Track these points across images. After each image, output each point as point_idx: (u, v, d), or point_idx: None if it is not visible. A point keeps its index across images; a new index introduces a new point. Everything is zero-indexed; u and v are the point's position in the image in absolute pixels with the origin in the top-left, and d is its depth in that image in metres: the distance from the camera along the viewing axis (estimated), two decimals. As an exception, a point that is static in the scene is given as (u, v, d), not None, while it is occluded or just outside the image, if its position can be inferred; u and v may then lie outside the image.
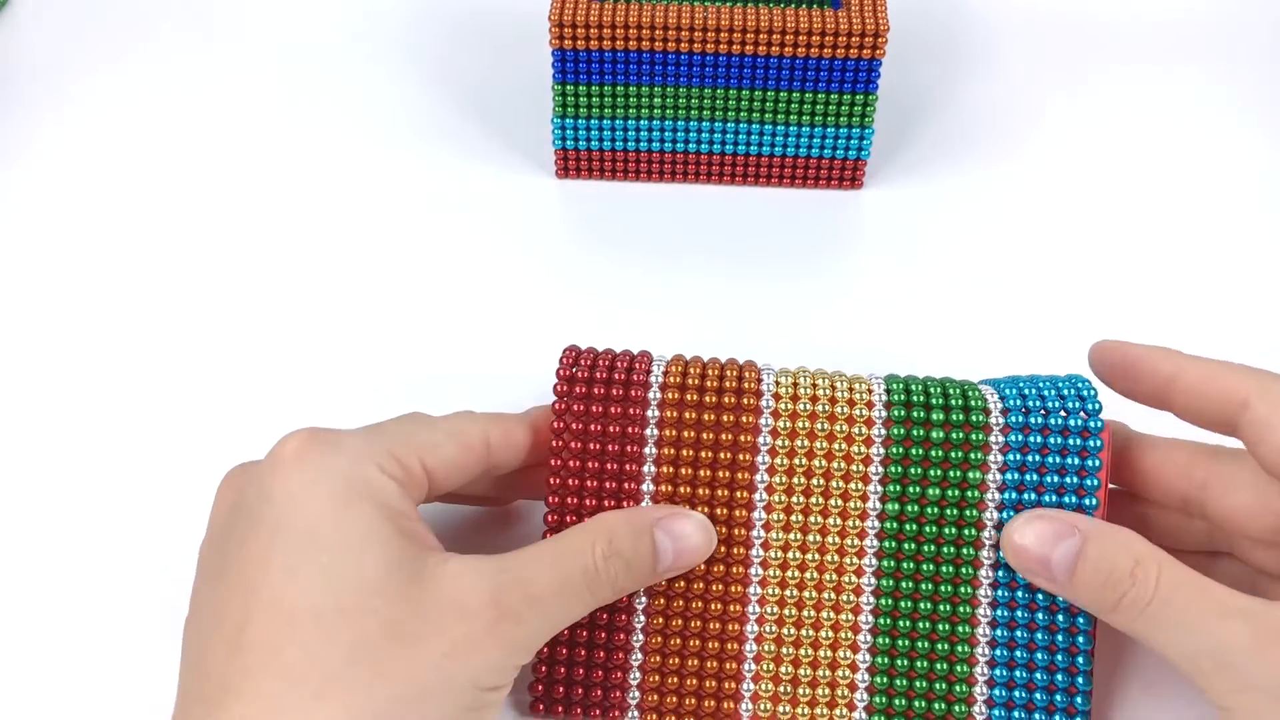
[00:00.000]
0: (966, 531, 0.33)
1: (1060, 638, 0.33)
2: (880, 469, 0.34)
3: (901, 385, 0.35)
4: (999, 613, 0.33)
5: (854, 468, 0.34)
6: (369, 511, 0.30)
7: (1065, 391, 0.34)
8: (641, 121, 0.48)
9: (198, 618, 0.31)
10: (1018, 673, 0.33)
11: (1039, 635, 0.33)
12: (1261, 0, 0.58)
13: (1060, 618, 0.33)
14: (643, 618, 0.34)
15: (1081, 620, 0.33)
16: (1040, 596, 0.33)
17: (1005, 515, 0.33)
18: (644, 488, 0.34)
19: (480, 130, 0.52)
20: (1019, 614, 0.33)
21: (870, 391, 0.34)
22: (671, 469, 0.34)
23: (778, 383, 0.34)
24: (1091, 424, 0.33)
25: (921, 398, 0.34)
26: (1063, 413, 0.33)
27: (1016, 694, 0.33)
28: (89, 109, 0.53)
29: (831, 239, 0.49)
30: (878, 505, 0.34)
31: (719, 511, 0.34)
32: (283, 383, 0.43)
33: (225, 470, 0.33)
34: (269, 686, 0.28)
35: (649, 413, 0.34)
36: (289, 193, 0.50)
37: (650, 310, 0.46)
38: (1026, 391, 0.34)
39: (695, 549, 0.33)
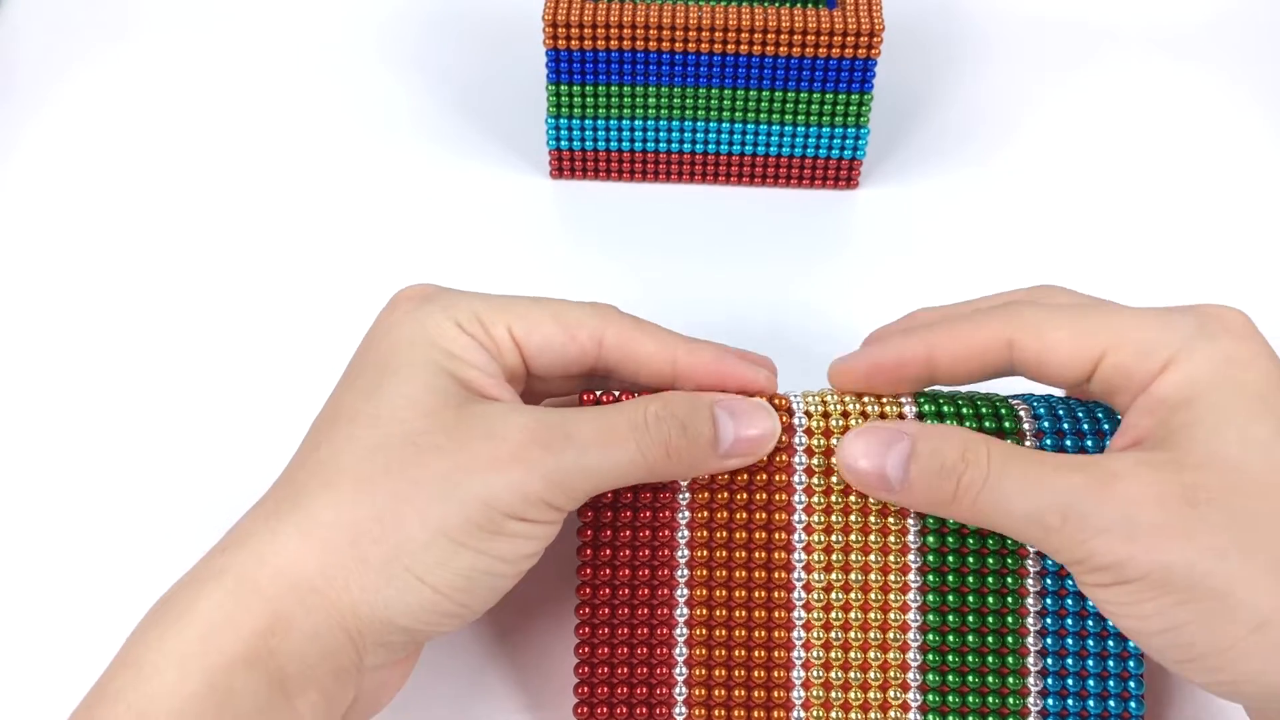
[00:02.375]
0: (1009, 560, 0.33)
1: (1112, 663, 0.32)
2: None
3: (932, 404, 0.34)
4: (1049, 641, 0.32)
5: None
6: (428, 352, 0.32)
7: (1100, 414, 0.33)
8: (636, 121, 0.48)
9: None
10: (1070, 701, 0.32)
11: (1090, 662, 0.32)
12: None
13: (1111, 643, 0.32)
14: (685, 669, 0.33)
15: (1133, 644, 0.32)
16: (1090, 623, 0.32)
17: None
18: (679, 535, 0.33)
19: (474, 130, 0.52)
20: (1069, 641, 0.32)
21: (902, 418, 0.33)
22: (707, 514, 0.33)
23: (808, 414, 0.33)
24: None
25: (954, 421, 0.33)
26: (1098, 434, 0.33)
27: None
28: (86, 106, 0.53)
29: (827, 239, 0.48)
30: (917, 539, 0.33)
31: (757, 555, 0.33)
32: (276, 382, 0.43)
33: (215, 468, 0.33)
34: (295, 479, 0.31)
35: None
36: (283, 192, 0.50)
37: (645, 311, 0.46)
38: (1059, 411, 0.34)
39: (759, 435, 0.32)
